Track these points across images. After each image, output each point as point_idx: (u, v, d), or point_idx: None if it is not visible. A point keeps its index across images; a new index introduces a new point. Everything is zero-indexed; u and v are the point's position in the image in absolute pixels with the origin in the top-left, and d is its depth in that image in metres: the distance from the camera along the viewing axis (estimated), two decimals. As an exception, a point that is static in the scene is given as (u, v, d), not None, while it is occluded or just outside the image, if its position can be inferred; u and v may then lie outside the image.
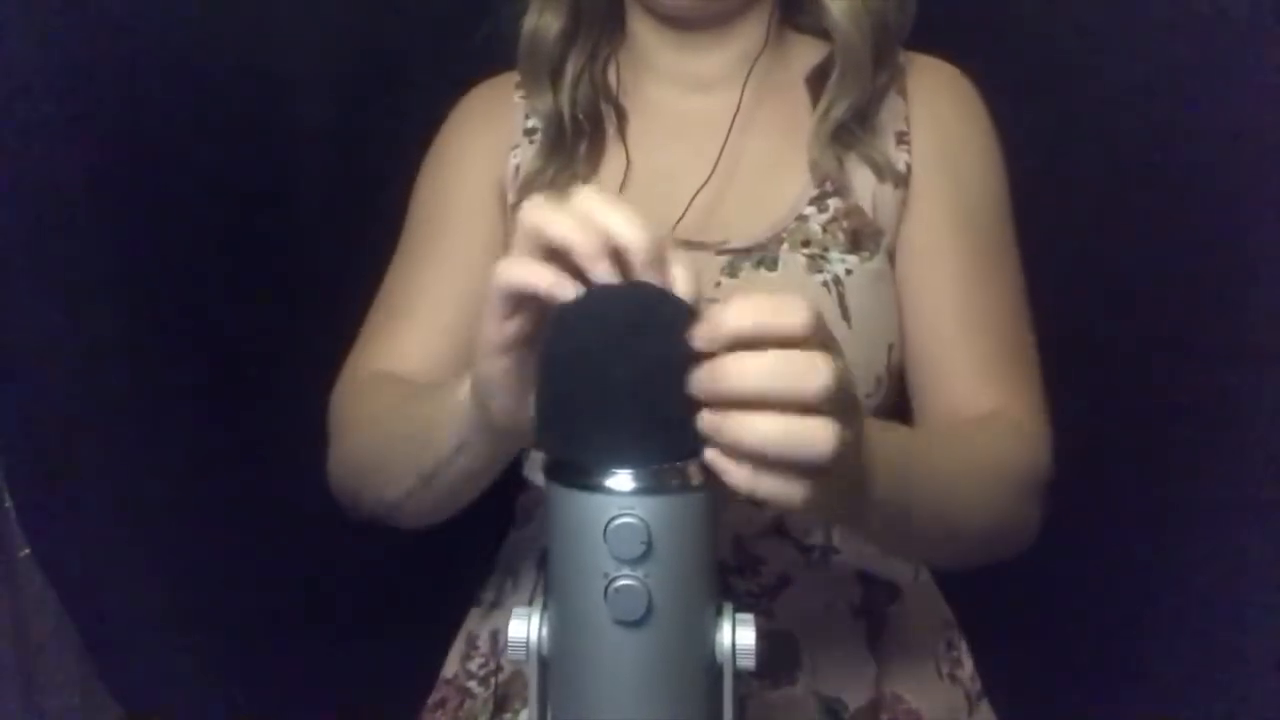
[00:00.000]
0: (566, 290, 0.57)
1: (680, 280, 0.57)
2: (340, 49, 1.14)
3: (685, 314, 0.57)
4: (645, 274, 0.57)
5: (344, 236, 1.09)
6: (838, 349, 0.58)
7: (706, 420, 0.55)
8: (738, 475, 0.55)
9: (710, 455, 0.56)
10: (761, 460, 0.55)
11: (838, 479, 0.58)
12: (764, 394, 0.54)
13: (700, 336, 0.55)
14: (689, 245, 0.87)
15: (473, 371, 0.66)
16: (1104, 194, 1.12)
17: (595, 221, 0.57)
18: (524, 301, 0.60)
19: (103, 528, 0.94)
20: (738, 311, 0.55)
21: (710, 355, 0.55)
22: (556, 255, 0.58)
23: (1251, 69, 1.02)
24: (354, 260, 0.99)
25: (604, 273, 0.57)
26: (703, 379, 0.55)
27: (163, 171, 1.01)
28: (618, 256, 0.57)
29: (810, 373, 0.54)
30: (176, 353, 1.02)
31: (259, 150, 1.08)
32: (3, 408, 0.89)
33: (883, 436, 0.65)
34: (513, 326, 0.61)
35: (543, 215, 0.58)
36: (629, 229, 0.57)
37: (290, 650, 1.03)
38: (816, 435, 0.54)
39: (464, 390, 0.68)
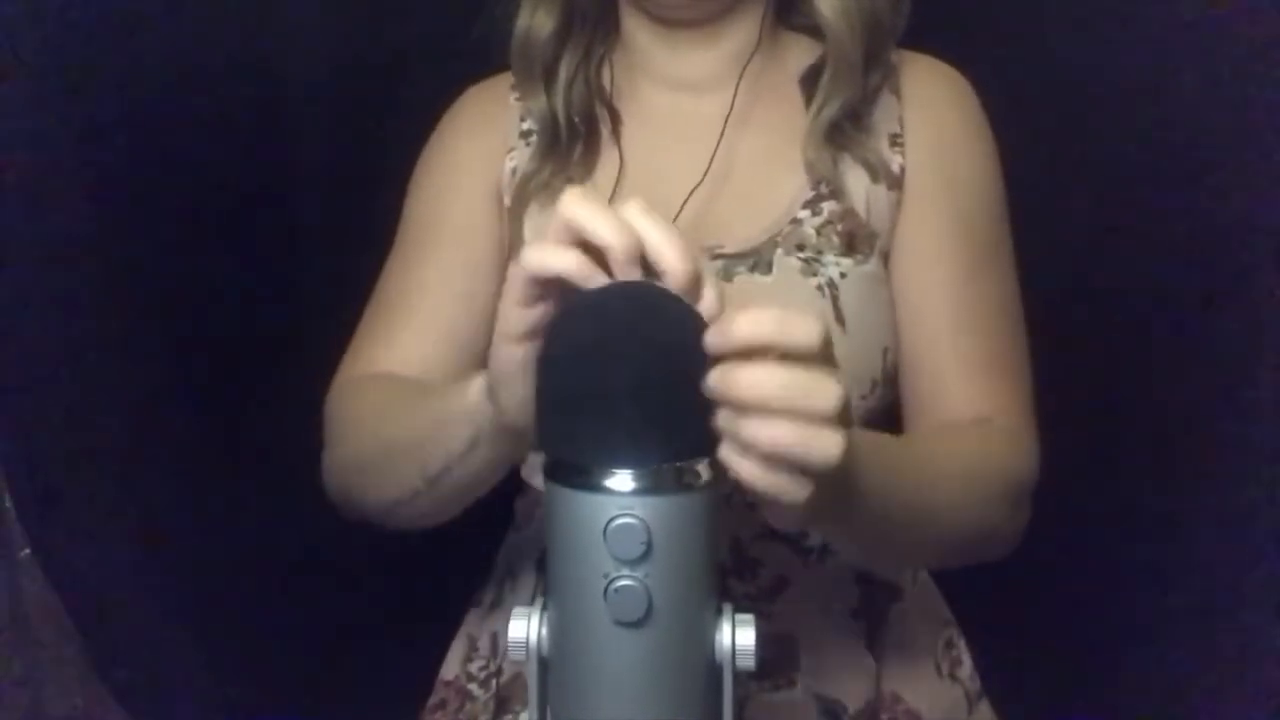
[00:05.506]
0: (596, 279, 0.57)
1: (708, 302, 0.58)
2: (340, 49, 1.14)
3: (689, 316, 0.56)
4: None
5: (343, 236, 1.09)
6: (835, 361, 0.59)
7: (723, 419, 0.56)
8: (748, 470, 0.56)
9: (723, 451, 0.57)
10: (773, 461, 0.56)
11: (836, 483, 0.59)
12: (777, 405, 0.55)
13: (710, 341, 0.56)
14: None
15: (488, 364, 0.66)
16: (1104, 194, 1.12)
17: (637, 235, 0.57)
18: (547, 289, 0.60)
19: (103, 528, 0.94)
20: (751, 321, 0.56)
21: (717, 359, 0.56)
22: (586, 250, 0.58)
23: (1252, 69, 1.02)
24: (353, 260, 0.99)
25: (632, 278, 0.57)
26: (718, 381, 0.56)
27: (162, 172, 1.01)
28: (648, 266, 0.57)
29: (824, 392, 0.56)
30: (176, 353, 1.02)
31: (258, 150, 1.08)
32: (2, 409, 0.89)
33: (869, 442, 0.66)
34: (533, 314, 0.61)
35: (584, 212, 0.58)
36: (672, 253, 0.57)
37: (290, 651, 1.03)
38: (828, 443, 0.56)
39: (477, 386, 0.68)
